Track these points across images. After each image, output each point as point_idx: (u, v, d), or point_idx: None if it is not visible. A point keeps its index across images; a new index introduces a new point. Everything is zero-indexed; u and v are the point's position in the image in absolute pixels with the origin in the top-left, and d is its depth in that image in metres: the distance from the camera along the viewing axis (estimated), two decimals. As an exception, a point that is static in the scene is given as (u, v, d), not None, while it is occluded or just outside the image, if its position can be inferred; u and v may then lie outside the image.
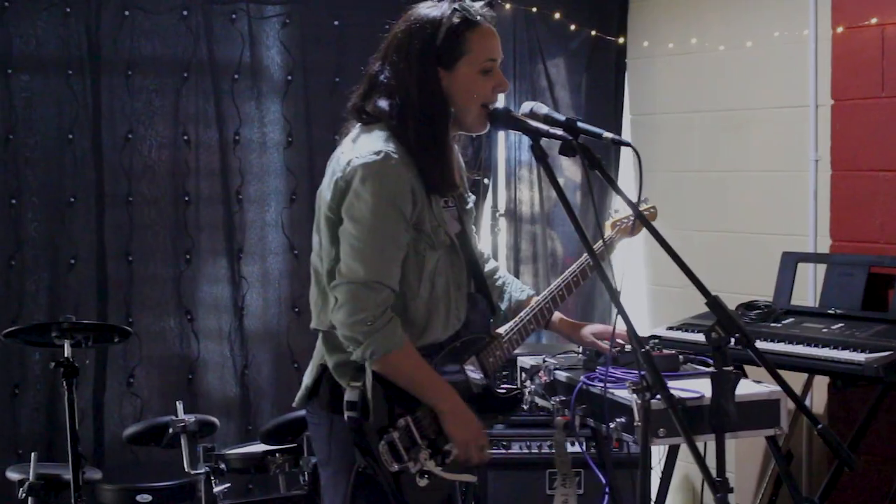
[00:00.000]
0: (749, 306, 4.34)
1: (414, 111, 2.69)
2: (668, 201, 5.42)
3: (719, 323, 2.66)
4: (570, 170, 5.56)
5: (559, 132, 2.66)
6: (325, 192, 2.72)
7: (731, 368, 2.61)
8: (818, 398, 4.65)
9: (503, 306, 3.11)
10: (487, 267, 3.16)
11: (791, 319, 4.22)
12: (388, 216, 2.62)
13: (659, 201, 5.41)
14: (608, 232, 3.23)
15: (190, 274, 4.78)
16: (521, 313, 2.98)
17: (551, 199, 5.55)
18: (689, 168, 5.29)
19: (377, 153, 2.63)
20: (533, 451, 4.50)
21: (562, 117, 2.72)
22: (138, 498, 3.92)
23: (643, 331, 4.37)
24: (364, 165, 2.62)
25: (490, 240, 5.43)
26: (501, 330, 2.95)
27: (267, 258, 4.93)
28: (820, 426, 2.65)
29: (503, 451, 4.64)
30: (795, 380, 4.49)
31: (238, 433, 4.81)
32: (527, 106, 2.78)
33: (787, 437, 4.57)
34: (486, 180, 5.35)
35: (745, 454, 4.82)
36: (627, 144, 2.77)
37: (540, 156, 2.70)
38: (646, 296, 5.51)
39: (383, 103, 2.71)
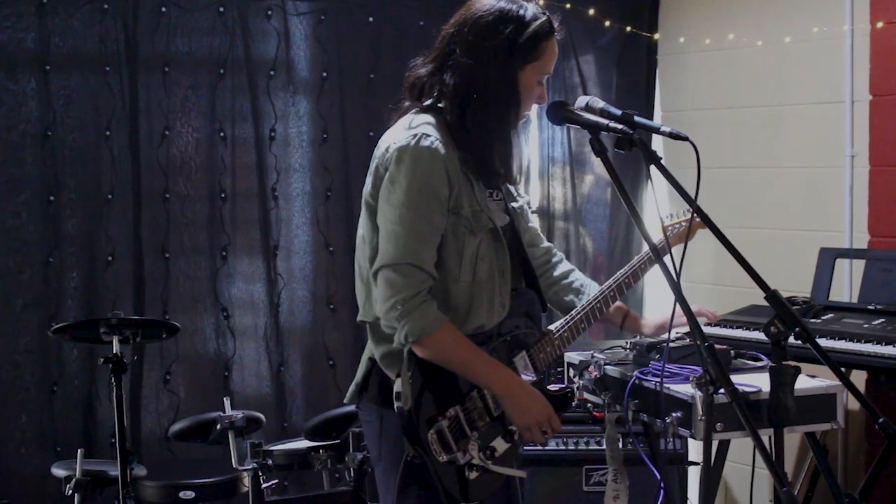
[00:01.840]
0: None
1: (484, 97, 2.68)
2: (701, 198, 5.39)
3: (778, 317, 2.64)
4: (601, 166, 5.54)
5: (619, 126, 2.65)
6: (367, 180, 2.74)
7: (790, 363, 2.60)
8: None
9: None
10: (560, 268, 3.15)
11: (830, 315, 4.21)
12: (422, 197, 2.62)
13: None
14: (660, 236, 3.20)
15: (226, 271, 4.78)
16: (573, 311, 2.96)
17: (583, 195, 5.55)
18: (722, 164, 5.28)
19: (413, 136, 2.65)
20: (570, 447, 4.48)
21: (618, 111, 2.73)
22: (181, 494, 3.91)
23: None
24: (399, 148, 2.64)
25: (522, 236, 5.42)
26: (552, 327, 2.93)
27: (302, 255, 4.92)
28: (881, 420, 2.65)
29: (540, 447, 4.64)
30: (831, 375, 4.47)
31: (274, 430, 4.80)
32: (583, 100, 2.78)
33: (822, 432, 4.57)
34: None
35: (780, 450, 4.80)
36: (685, 139, 2.77)
37: (600, 151, 2.69)
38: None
39: (451, 81, 2.70)
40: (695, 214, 2.56)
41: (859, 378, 4.48)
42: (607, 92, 5.55)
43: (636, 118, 2.73)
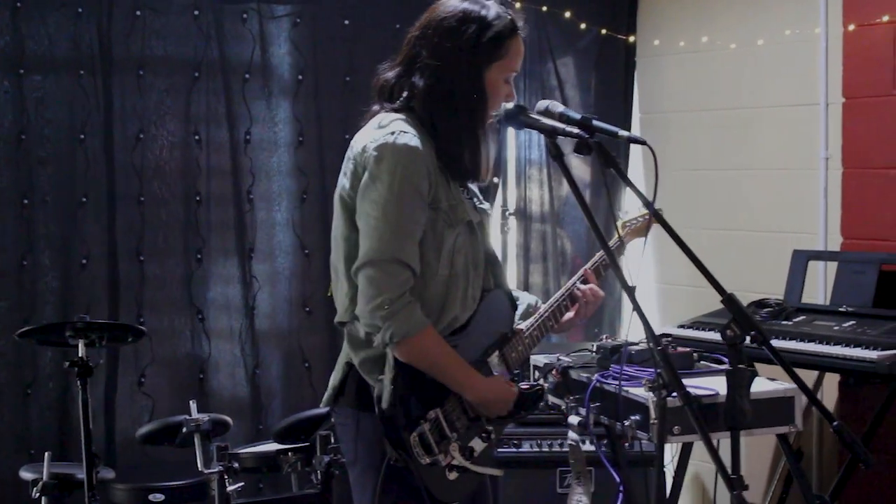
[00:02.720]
0: (760, 304, 4.34)
1: (452, 96, 2.73)
2: (677, 199, 5.43)
3: (735, 320, 2.64)
4: (579, 168, 5.57)
5: (575, 130, 2.66)
6: (343, 180, 2.75)
7: (746, 366, 2.61)
8: (829, 396, 4.65)
9: None
10: None
11: (802, 317, 4.22)
12: (405, 194, 2.64)
13: (668, 199, 5.40)
14: (619, 233, 3.23)
15: (201, 274, 4.78)
16: (541, 309, 2.99)
17: (561, 197, 5.56)
18: (699, 166, 5.30)
19: (391, 133, 2.67)
20: (543, 449, 4.50)
21: (577, 115, 2.73)
22: (151, 497, 3.92)
23: (665, 328, 4.40)
24: (379, 146, 2.66)
25: (500, 239, 5.44)
26: (523, 326, 2.96)
27: (278, 258, 4.93)
28: (836, 423, 2.65)
29: (514, 449, 4.65)
30: (806, 377, 4.48)
31: (249, 433, 4.81)
32: (542, 104, 2.79)
33: (797, 435, 4.58)
34: (495, 179, 5.36)
35: (755, 452, 4.81)
36: (643, 142, 2.77)
37: (556, 154, 2.70)
38: (655, 294, 5.51)
39: (420, 82, 2.74)
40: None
41: (833, 380, 4.50)
42: (586, 94, 5.56)
43: (594, 122, 2.73)
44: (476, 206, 2.90)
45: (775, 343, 4.02)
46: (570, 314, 3.00)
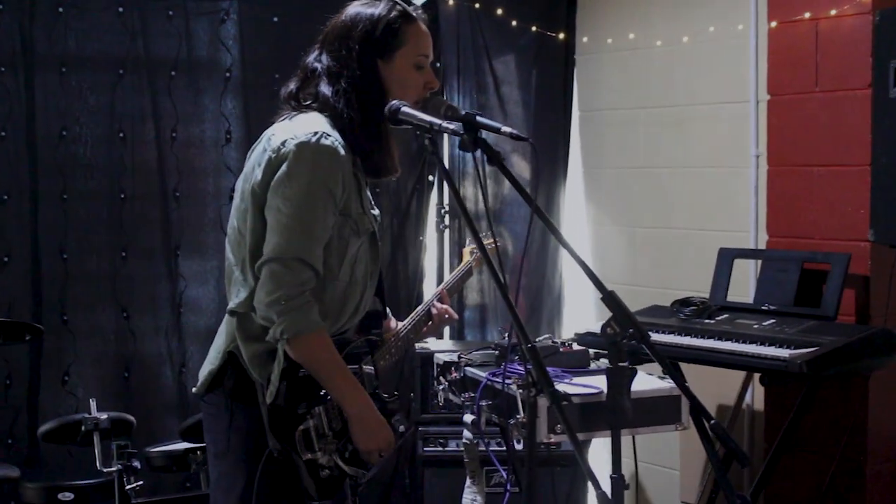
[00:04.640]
0: (684, 303, 4.33)
1: (357, 96, 2.75)
2: (613, 197, 5.42)
3: (615, 318, 2.63)
4: (518, 165, 5.54)
5: (451, 126, 2.64)
6: (256, 171, 2.72)
7: (626, 364, 2.59)
8: (759, 394, 4.64)
9: None
10: None
11: (725, 316, 4.21)
12: (319, 196, 2.65)
13: (605, 197, 5.45)
14: (466, 258, 3.34)
15: (126, 271, 4.74)
16: (405, 322, 3.09)
17: (499, 196, 5.53)
18: (634, 164, 5.28)
19: (314, 133, 2.67)
20: (470, 448, 4.47)
21: (462, 111, 2.72)
22: (60, 496, 3.90)
23: (590, 327, 4.38)
24: (300, 144, 2.66)
25: (436, 237, 5.41)
26: (390, 336, 3.04)
27: (204, 256, 4.89)
28: (713, 422, 2.64)
29: (440, 448, 4.64)
30: (736, 376, 4.48)
31: (175, 431, 4.77)
32: (432, 101, 2.81)
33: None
34: (431, 177, 5.34)
35: (689, 449, 4.80)
36: (524, 139, 2.75)
37: (432, 151, 2.69)
38: (593, 292, 5.47)
39: (326, 89, 2.77)
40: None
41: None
42: (525, 92, 5.53)
43: (478, 118, 2.71)
44: (373, 214, 2.91)
45: (695, 342, 4.03)
46: (425, 329, 3.14)
